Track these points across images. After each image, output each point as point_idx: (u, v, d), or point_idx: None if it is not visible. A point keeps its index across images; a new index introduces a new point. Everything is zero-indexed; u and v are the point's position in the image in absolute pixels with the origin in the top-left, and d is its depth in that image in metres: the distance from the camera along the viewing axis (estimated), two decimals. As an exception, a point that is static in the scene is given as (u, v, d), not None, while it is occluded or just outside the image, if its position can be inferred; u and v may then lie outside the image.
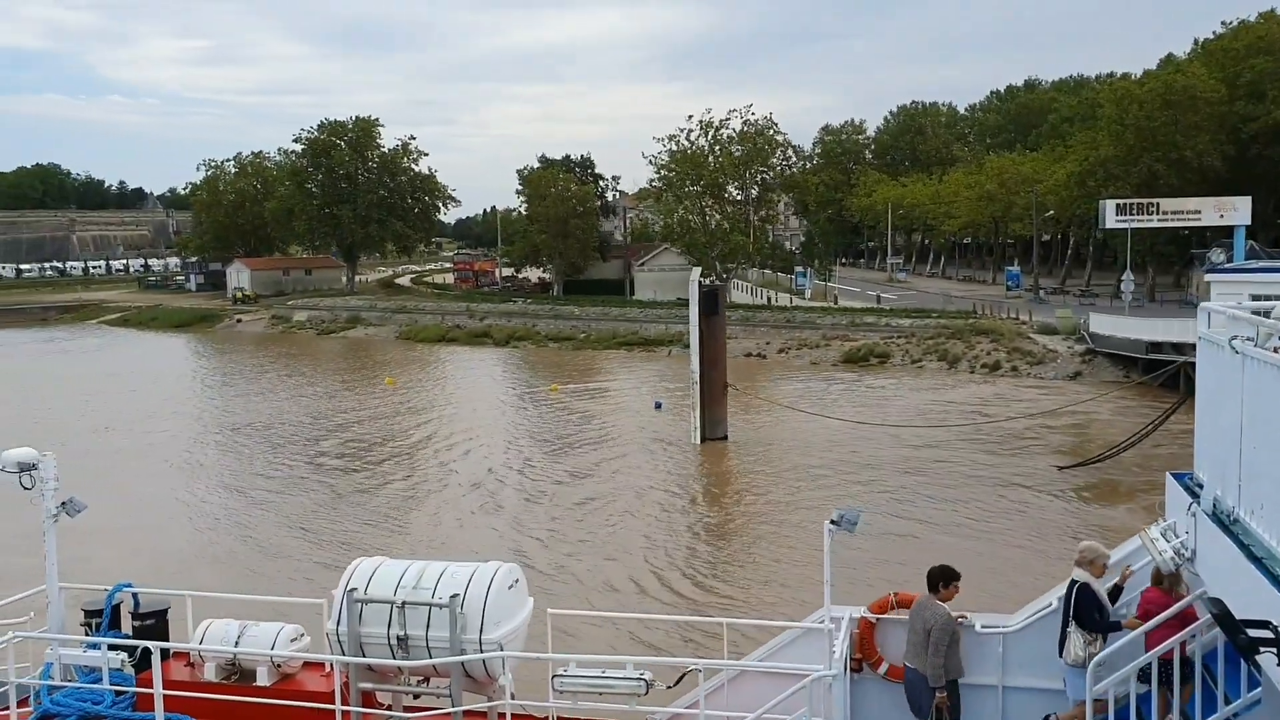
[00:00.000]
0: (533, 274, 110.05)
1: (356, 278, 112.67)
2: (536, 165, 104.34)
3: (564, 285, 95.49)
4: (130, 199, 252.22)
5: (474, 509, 30.76)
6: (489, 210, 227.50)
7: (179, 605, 11.29)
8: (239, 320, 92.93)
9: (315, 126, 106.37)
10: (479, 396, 53.38)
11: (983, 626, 10.71)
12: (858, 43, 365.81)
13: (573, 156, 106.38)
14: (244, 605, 12.08)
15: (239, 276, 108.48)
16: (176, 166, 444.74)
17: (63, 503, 10.94)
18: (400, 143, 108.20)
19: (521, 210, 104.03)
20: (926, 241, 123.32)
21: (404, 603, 9.65)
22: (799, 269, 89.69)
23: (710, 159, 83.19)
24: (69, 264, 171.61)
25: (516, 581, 10.14)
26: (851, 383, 53.08)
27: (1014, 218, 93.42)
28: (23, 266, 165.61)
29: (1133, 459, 32.42)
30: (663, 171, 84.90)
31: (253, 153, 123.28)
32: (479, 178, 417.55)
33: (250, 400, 52.03)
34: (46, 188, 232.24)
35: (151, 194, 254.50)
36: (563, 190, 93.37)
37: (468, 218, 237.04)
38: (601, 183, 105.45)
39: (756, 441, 38.73)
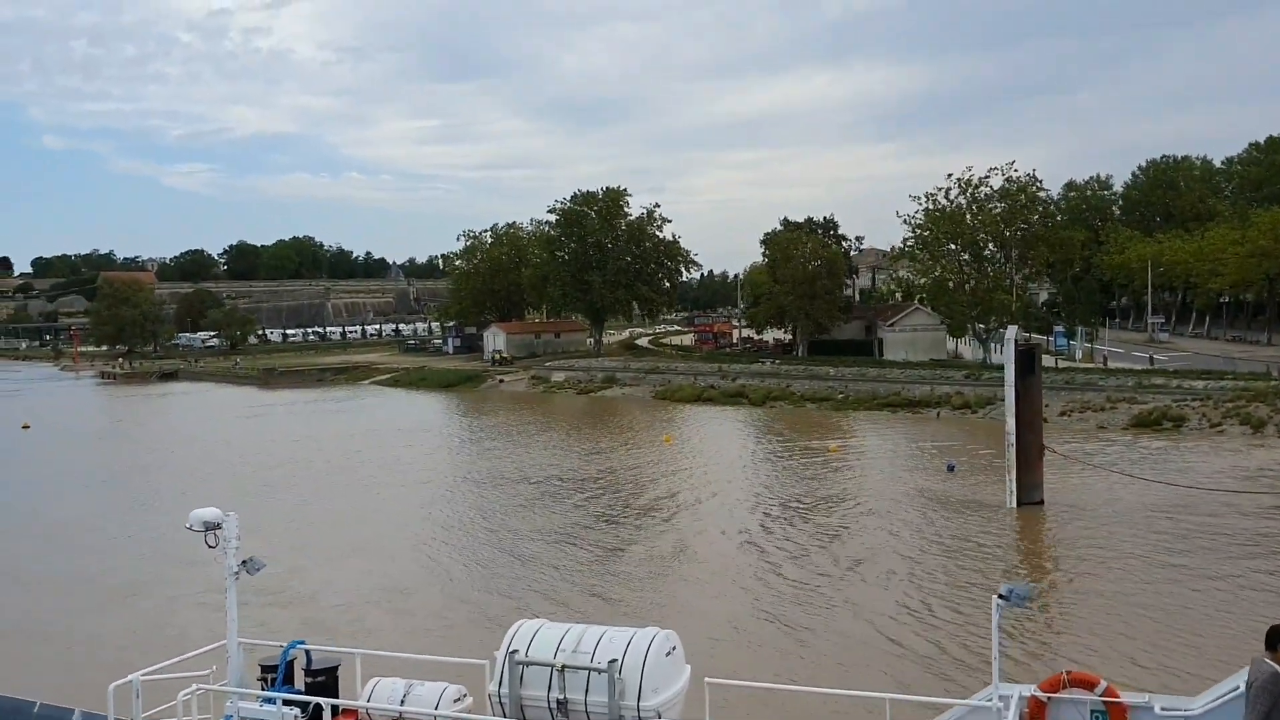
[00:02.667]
0: (770, 335, 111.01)
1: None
2: (779, 228, 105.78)
3: (807, 345, 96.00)
4: (375, 268, 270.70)
5: (758, 574, 30.13)
6: (705, 274, 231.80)
7: (349, 663, 11.78)
8: (501, 380, 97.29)
9: (568, 197, 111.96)
10: (755, 454, 54.09)
11: (1163, 709, 10.21)
12: (1083, 96, 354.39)
13: (814, 218, 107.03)
14: (411, 663, 12.64)
15: (496, 339, 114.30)
16: (411, 237, 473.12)
17: (243, 561, 11.54)
18: (645, 211, 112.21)
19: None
20: (1187, 300, 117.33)
21: (564, 666, 9.81)
22: (1058, 329, 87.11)
23: (968, 217, 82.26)
24: (328, 329, 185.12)
25: (674, 649, 10.22)
26: (1129, 444, 51.16)
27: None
28: (288, 331, 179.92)
29: None
30: (918, 231, 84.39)
31: (508, 224, 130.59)
32: (689, 242, 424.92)
33: (549, 454, 54.24)
34: (302, 259, 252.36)
35: (394, 263, 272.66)
36: (807, 251, 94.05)
37: (684, 280, 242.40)
38: (845, 243, 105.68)
39: (1074, 506, 37.73)
